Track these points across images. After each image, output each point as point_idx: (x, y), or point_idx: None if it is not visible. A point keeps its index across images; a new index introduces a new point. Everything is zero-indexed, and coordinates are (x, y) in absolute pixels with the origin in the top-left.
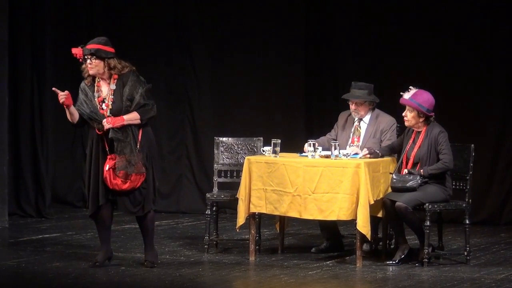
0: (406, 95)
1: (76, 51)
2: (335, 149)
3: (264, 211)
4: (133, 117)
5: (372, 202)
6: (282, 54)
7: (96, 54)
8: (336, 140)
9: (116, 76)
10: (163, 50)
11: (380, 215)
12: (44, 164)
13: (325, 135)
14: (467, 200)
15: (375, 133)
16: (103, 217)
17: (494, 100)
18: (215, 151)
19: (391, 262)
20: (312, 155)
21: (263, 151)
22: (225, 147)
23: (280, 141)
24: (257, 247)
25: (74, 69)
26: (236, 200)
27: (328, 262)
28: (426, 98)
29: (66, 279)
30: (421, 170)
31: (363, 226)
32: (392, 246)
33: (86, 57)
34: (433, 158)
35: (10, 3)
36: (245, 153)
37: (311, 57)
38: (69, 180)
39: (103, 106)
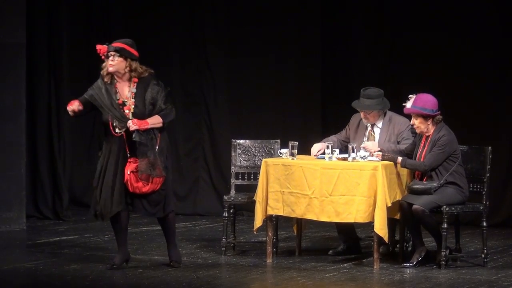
0: (408, 104)
1: (101, 47)
2: (352, 151)
3: (281, 214)
4: (156, 121)
5: (389, 205)
6: (298, 56)
7: (120, 52)
8: (346, 141)
9: (136, 80)
10: (178, 52)
11: (397, 217)
12: (61, 166)
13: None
14: (484, 202)
15: (390, 136)
16: (120, 219)
17: (510, 102)
18: (232, 154)
19: (408, 264)
20: (329, 157)
21: (281, 153)
22: (242, 149)
23: (297, 144)
24: (274, 249)
25: (90, 70)
26: (253, 203)
27: (345, 265)
28: (426, 100)
29: (84, 281)
30: (400, 159)
31: (381, 228)
32: (409, 249)
33: (109, 54)
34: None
35: (27, 6)
36: (262, 155)
37: (327, 60)
38: (87, 182)
39: (125, 109)
